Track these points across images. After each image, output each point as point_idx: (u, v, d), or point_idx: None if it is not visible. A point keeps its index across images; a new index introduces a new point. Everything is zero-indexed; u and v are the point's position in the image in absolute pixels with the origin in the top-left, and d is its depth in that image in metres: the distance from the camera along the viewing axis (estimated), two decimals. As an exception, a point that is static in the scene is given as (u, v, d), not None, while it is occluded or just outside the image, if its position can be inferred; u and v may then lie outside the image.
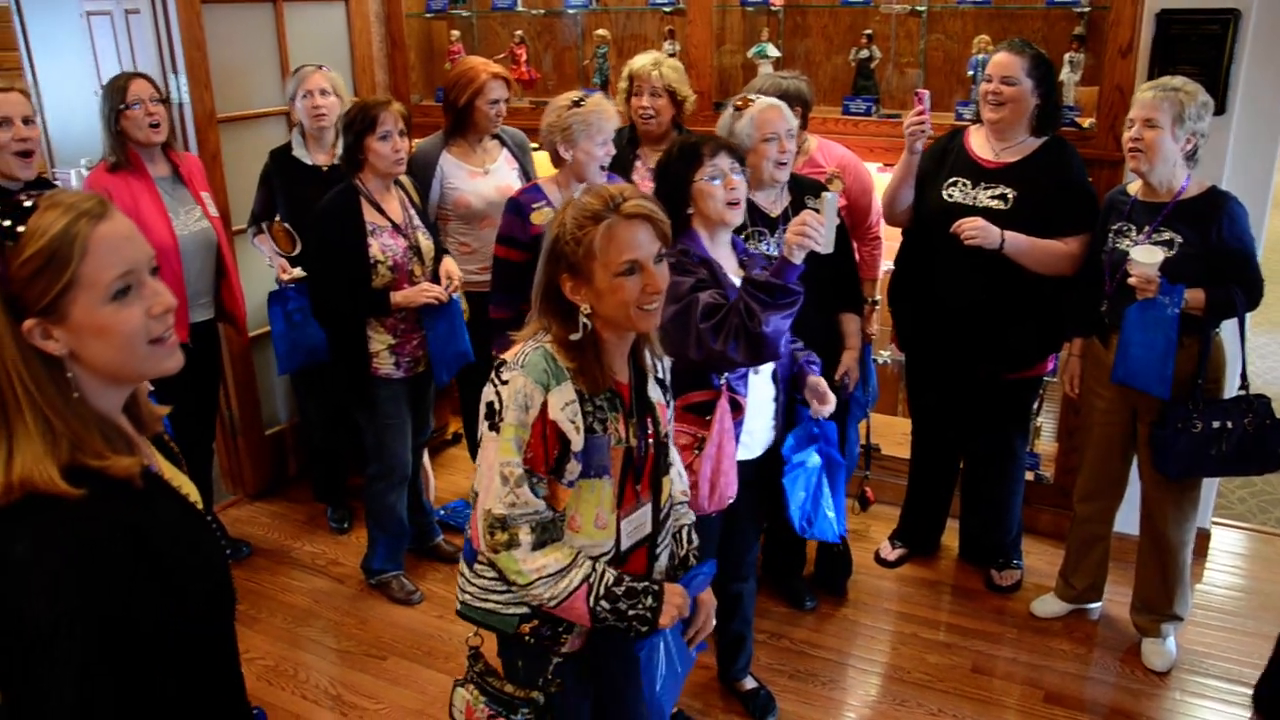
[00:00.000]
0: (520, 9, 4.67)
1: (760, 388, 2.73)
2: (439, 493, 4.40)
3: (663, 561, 2.19)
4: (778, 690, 3.24)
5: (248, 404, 4.44)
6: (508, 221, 3.37)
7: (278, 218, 3.77)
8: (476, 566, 2.09)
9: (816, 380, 2.76)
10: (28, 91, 3.03)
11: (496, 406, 1.92)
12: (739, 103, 3.02)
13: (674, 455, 2.29)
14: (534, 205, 3.32)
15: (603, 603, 1.95)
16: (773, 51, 4.14)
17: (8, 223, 1.26)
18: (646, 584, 2.00)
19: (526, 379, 1.90)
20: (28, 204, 1.28)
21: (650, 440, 2.08)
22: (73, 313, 1.28)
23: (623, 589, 1.97)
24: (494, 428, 1.92)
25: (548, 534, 1.93)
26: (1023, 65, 3.19)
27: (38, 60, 4.73)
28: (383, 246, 3.38)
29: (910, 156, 3.38)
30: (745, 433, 2.69)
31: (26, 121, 2.99)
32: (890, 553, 3.99)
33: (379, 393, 3.53)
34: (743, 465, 2.70)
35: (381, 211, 3.41)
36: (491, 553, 1.94)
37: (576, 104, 3.24)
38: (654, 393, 2.13)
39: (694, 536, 2.30)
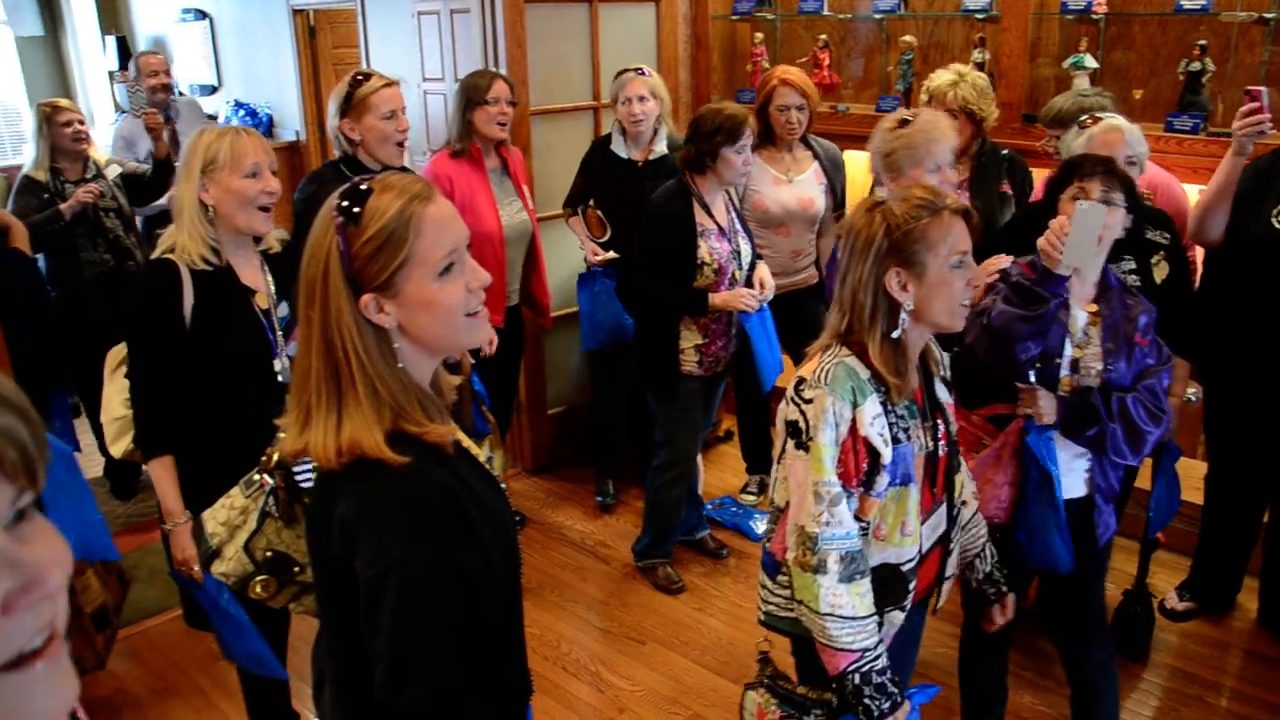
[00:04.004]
0: (826, 13, 4.65)
1: None
2: (706, 487, 4.48)
3: (954, 559, 2.19)
4: (1041, 734, 3.10)
5: (535, 383, 4.69)
6: None
7: (591, 203, 4.00)
8: (779, 579, 2.12)
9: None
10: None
11: (802, 425, 1.94)
12: (1087, 120, 2.89)
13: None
14: None
15: (855, 678, 1.94)
16: (1090, 63, 3.91)
17: (357, 209, 1.37)
18: (896, 692, 1.96)
19: (834, 397, 1.91)
20: (364, 188, 1.40)
21: (943, 441, 2.07)
22: (405, 287, 1.38)
23: (877, 682, 1.94)
24: (802, 446, 1.94)
25: (854, 565, 1.93)
26: None
27: (373, 57, 5.18)
28: (710, 249, 3.44)
29: (1235, 160, 3.07)
30: None
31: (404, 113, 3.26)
32: (1177, 604, 3.69)
33: (680, 388, 3.61)
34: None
35: (710, 214, 3.48)
36: (798, 568, 1.96)
37: (902, 124, 2.82)
38: (941, 392, 2.11)
39: (994, 550, 2.30)
